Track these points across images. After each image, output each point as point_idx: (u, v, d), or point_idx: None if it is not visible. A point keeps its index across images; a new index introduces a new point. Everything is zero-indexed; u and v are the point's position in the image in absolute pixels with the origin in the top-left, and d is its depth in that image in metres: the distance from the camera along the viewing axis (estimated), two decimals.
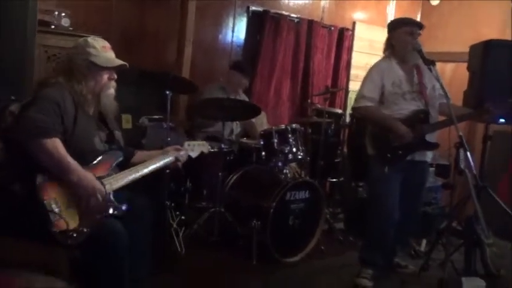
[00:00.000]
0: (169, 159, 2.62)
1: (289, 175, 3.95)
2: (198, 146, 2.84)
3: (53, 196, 2.06)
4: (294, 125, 3.99)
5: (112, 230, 2.17)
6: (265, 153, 3.91)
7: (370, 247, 3.42)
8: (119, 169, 2.41)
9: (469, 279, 3.18)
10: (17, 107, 2.24)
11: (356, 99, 3.41)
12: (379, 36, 5.61)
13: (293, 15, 5.24)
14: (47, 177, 2.08)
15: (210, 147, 2.94)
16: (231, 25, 4.94)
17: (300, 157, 3.93)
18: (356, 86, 4.32)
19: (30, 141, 2.09)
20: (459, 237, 3.75)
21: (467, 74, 4.01)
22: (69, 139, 2.21)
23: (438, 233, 3.80)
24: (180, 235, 3.47)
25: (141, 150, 2.74)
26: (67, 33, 3.55)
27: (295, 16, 5.26)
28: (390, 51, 3.39)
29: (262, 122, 4.37)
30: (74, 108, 2.27)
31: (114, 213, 2.25)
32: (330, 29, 5.62)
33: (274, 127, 3.95)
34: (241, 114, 3.88)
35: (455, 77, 5.50)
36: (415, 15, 6.20)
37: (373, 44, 5.84)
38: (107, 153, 2.38)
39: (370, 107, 3.31)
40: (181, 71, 4.42)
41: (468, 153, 2.85)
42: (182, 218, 3.62)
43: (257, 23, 5.03)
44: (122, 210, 2.28)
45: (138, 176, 2.42)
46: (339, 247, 4.08)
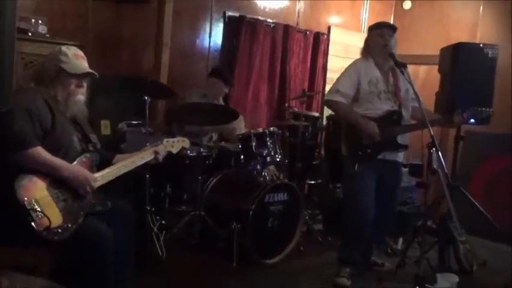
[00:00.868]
0: (149, 157, 2.65)
1: (267, 178, 4.01)
2: (178, 142, 2.85)
3: (33, 196, 2.12)
4: (271, 128, 4.04)
5: (97, 230, 2.23)
6: (243, 156, 3.94)
7: (347, 245, 3.48)
8: (97, 171, 2.45)
9: (443, 275, 3.29)
10: None
11: (330, 91, 3.47)
12: (354, 40, 5.75)
13: (269, 20, 5.30)
14: (30, 177, 2.15)
15: (189, 143, 2.94)
16: (208, 30, 4.96)
17: (278, 160, 3.98)
18: None
19: (14, 156, 2.16)
20: (434, 235, 3.85)
21: (439, 76, 4.13)
22: (50, 138, 2.29)
23: (414, 231, 3.91)
24: (161, 239, 3.48)
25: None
26: (44, 40, 3.53)
27: (271, 21, 5.32)
28: (367, 52, 3.48)
29: (240, 126, 4.41)
30: (49, 110, 2.34)
31: (99, 209, 2.36)
32: (306, 33, 5.69)
33: (252, 130, 3.99)
34: (220, 118, 3.90)
35: (428, 79, 5.60)
36: (388, 18, 6.29)
37: (347, 48, 5.93)
38: (84, 155, 2.43)
39: (341, 103, 3.37)
40: (159, 76, 4.40)
41: (440, 153, 2.93)
42: (163, 222, 3.63)
43: (234, 28, 5.07)
44: (107, 205, 2.39)
45: (121, 172, 2.49)
46: (318, 248, 4.12)
